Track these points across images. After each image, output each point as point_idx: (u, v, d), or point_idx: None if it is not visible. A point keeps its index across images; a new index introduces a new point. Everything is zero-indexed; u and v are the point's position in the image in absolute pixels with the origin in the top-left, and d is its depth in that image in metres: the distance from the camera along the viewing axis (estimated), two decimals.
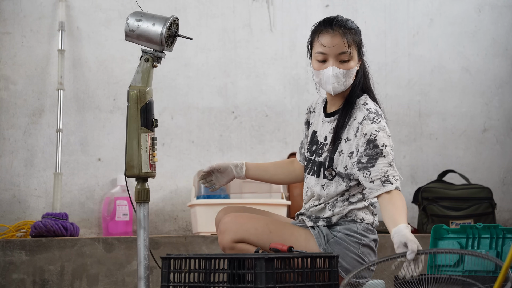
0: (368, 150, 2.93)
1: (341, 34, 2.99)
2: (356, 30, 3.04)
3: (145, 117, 3.01)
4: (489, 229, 3.37)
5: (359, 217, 3.02)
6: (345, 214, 3.02)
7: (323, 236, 3.00)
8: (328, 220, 3.03)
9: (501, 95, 5.40)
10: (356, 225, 3.02)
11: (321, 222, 3.03)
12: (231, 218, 3.02)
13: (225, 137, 4.96)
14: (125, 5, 4.81)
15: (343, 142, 3.01)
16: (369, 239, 3.02)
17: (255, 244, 2.97)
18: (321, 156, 3.06)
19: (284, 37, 5.10)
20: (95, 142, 4.76)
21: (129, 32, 3.05)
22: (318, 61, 3.01)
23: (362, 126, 2.96)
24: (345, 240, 2.99)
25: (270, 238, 2.98)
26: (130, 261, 4.15)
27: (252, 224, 3.00)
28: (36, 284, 4.06)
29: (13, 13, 4.69)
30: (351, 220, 3.02)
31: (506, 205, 5.36)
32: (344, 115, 3.03)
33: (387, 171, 2.90)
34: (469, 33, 5.38)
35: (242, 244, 2.98)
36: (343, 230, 3.00)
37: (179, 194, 4.86)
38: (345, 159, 3.01)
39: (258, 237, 2.98)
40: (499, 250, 3.32)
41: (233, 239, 2.98)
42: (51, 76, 4.72)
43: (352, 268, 2.97)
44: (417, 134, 5.27)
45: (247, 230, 2.98)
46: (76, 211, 4.69)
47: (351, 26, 3.02)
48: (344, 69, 3.00)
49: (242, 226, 2.99)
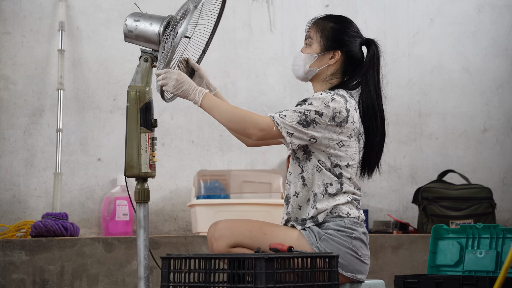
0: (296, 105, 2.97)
1: (314, 22, 3.09)
2: (335, 25, 3.07)
3: (145, 117, 3.01)
4: (489, 229, 3.38)
5: (344, 212, 3.01)
6: (329, 211, 3.01)
7: (314, 234, 2.99)
8: (314, 219, 3.02)
9: (501, 95, 5.40)
10: (343, 220, 3.01)
11: (308, 223, 3.02)
12: (225, 224, 3.01)
13: (225, 137, 4.96)
14: (125, 5, 4.81)
15: None
16: (359, 232, 3.01)
17: (250, 247, 2.97)
18: None
19: (284, 37, 5.10)
20: (95, 142, 4.76)
21: (127, 33, 3.06)
22: None
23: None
24: (335, 235, 2.99)
25: (264, 240, 2.98)
26: (130, 261, 4.15)
27: (246, 227, 3.00)
28: (36, 284, 4.06)
29: (13, 13, 4.70)
30: (337, 216, 3.01)
31: (506, 205, 5.36)
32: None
33: (286, 110, 2.95)
34: (469, 33, 5.38)
35: (238, 248, 2.98)
36: (332, 226, 3.00)
37: (179, 194, 4.86)
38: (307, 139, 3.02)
39: (253, 240, 2.98)
40: (499, 250, 3.32)
41: (229, 244, 2.97)
42: (51, 76, 4.72)
43: (346, 262, 2.97)
44: (417, 134, 5.27)
45: (241, 233, 2.98)
46: (76, 211, 4.69)
47: (332, 19, 3.09)
48: (303, 52, 3.08)
49: (236, 230, 2.99)
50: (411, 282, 3.32)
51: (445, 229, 3.51)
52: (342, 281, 2.98)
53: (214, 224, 3.09)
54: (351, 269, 2.98)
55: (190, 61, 3.20)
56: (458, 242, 3.44)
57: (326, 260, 2.75)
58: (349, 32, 3.09)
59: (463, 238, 3.43)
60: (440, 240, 3.49)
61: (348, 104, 2.99)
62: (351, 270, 2.98)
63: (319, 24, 3.09)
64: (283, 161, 5.02)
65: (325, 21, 3.09)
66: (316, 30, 3.08)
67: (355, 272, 2.99)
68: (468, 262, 3.38)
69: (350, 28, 3.10)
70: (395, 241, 4.49)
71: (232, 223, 3.02)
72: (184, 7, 3.03)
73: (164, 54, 2.96)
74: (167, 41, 2.96)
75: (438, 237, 3.50)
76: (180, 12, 3.02)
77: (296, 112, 2.94)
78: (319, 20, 3.10)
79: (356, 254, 3.00)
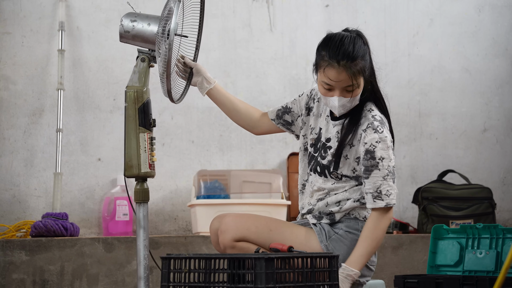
0: (365, 160, 2.97)
1: (346, 69, 2.93)
2: (363, 56, 2.97)
3: (143, 117, 3.01)
4: (489, 229, 3.37)
5: (361, 215, 3.04)
6: (349, 212, 3.03)
7: (325, 232, 3.00)
8: (331, 217, 3.03)
9: (501, 95, 5.40)
10: (358, 222, 3.03)
11: (324, 220, 3.04)
12: (232, 218, 3.02)
13: (225, 137, 4.96)
14: (125, 5, 4.79)
15: (347, 148, 3.02)
16: None
17: (256, 242, 2.98)
18: (324, 159, 3.06)
19: (284, 37, 5.10)
20: (95, 142, 4.76)
21: (124, 33, 3.05)
22: (323, 87, 2.99)
23: (365, 134, 2.98)
24: (346, 237, 3.00)
25: (270, 236, 2.99)
26: (130, 261, 4.15)
27: (253, 223, 3.01)
28: (36, 284, 4.06)
29: (13, 13, 4.69)
30: (353, 218, 3.03)
31: (506, 205, 5.36)
32: (351, 122, 3.03)
33: (380, 185, 2.96)
34: (469, 33, 5.38)
35: (243, 242, 2.99)
36: (344, 228, 3.01)
37: (179, 194, 4.86)
38: (352, 163, 3.03)
39: (258, 235, 2.99)
40: (499, 250, 3.32)
41: (234, 238, 2.98)
42: (51, 76, 4.72)
43: None
44: (417, 134, 5.27)
45: (247, 228, 2.99)
46: (76, 211, 4.69)
47: (357, 55, 2.95)
48: (350, 97, 2.99)
49: (242, 224, 2.99)
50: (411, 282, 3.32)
51: (445, 229, 3.51)
52: None
53: (220, 217, 3.10)
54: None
55: (186, 59, 3.20)
56: (458, 242, 3.43)
57: (326, 260, 2.75)
58: (367, 55, 3.02)
59: (463, 238, 3.43)
60: (440, 240, 3.49)
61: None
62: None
63: (353, 68, 2.94)
64: (283, 161, 5.02)
65: (356, 63, 2.95)
66: (356, 75, 2.96)
67: (359, 277, 3.00)
68: (468, 262, 3.38)
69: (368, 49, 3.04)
70: (395, 241, 4.49)
71: (239, 217, 3.03)
72: (167, 7, 3.02)
73: (162, 54, 2.95)
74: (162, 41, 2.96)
75: (438, 237, 3.50)
76: (165, 12, 3.01)
77: (385, 177, 2.98)
78: (352, 64, 2.93)
79: None
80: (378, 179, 2.95)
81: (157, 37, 2.99)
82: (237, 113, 3.26)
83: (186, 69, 3.21)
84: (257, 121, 3.28)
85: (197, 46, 3.29)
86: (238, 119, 3.28)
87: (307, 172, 3.16)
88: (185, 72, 3.21)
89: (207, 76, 3.23)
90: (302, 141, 3.20)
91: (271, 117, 3.26)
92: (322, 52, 2.98)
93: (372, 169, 2.95)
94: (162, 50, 2.96)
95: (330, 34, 3.02)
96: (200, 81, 3.22)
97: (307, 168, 3.16)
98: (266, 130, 3.28)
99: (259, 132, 3.30)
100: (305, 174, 3.17)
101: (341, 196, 3.04)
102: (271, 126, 3.26)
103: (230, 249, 3.00)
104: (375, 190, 2.96)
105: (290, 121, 3.22)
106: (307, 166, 3.16)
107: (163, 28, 2.97)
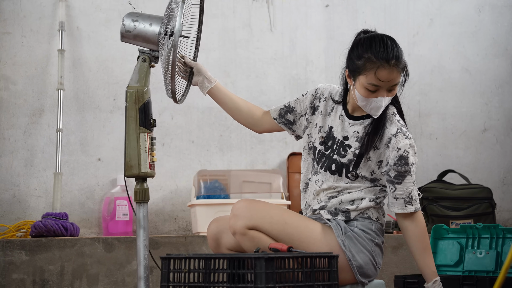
0: (398, 165, 2.97)
1: (397, 68, 2.97)
2: (403, 54, 3.02)
3: (144, 117, 3.01)
4: (489, 229, 3.38)
5: (374, 216, 3.04)
6: (363, 211, 3.03)
7: (341, 228, 2.99)
8: (347, 215, 3.02)
9: (501, 95, 5.40)
10: (371, 223, 3.02)
11: (339, 216, 3.02)
12: (246, 204, 2.93)
13: (225, 137, 4.96)
14: (125, 5, 4.81)
15: (371, 150, 3.02)
16: (380, 240, 3.04)
17: (268, 233, 2.91)
18: (344, 157, 3.03)
19: (284, 37, 5.10)
20: (95, 142, 4.76)
21: (125, 33, 3.05)
22: (368, 89, 2.97)
23: (397, 140, 2.97)
24: (361, 236, 2.99)
25: (284, 229, 2.93)
26: (130, 261, 4.15)
27: (268, 212, 2.92)
28: (36, 284, 4.06)
29: (13, 13, 4.70)
30: (367, 218, 3.03)
31: (506, 205, 5.36)
32: (377, 124, 3.02)
33: (411, 191, 2.98)
34: (469, 33, 5.38)
35: (255, 232, 2.90)
36: (359, 226, 3.01)
37: (179, 194, 4.86)
38: (373, 166, 3.02)
39: (272, 226, 2.91)
40: (499, 250, 3.32)
41: (247, 225, 2.89)
42: (51, 76, 4.72)
43: (364, 264, 2.97)
44: (417, 134, 5.27)
45: (262, 217, 2.91)
46: (76, 211, 4.69)
47: (401, 53, 3.01)
48: (392, 96, 3.01)
49: (257, 212, 2.91)
50: (411, 282, 3.32)
51: (445, 229, 3.51)
52: (347, 279, 2.97)
53: (217, 220, 3.09)
54: (364, 272, 2.98)
55: (186, 59, 3.20)
56: (458, 242, 3.44)
57: (326, 260, 2.75)
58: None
59: (463, 238, 3.44)
60: (440, 240, 3.49)
61: None
62: (363, 273, 2.98)
63: (401, 66, 2.98)
64: (283, 161, 5.02)
65: (403, 61, 3.00)
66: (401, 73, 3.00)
67: (364, 277, 2.99)
68: (468, 262, 3.38)
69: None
70: (395, 241, 4.49)
71: (254, 204, 2.94)
72: (169, 7, 3.02)
73: (165, 54, 2.95)
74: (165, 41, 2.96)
75: (438, 237, 3.50)
76: (168, 13, 3.01)
77: (415, 183, 3.01)
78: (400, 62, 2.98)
79: (373, 260, 3.00)
80: (410, 184, 2.98)
81: (160, 37, 2.99)
82: (239, 112, 3.26)
83: (186, 69, 3.21)
84: (259, 119, 3.27)
85: (196, 46, 3.29)
86: (239, 117, 3.27)
87: (310, 171, 3.14)
88: (186, 72, 3.21)
89: (208, 75, 3.23)
90: (306, 140, 3.18)
91: (273, 116, 3.25)
92: (365, 54, 2.96)
93: (406, 175, 2.97)
94: (165, 51, 2.95)
95: (366, 36, 3.02)
96: (201, 80, 3.22)
97: (311, 167, 3.15)
98: (267, 129, 3.28)
99: (260, 130, 3.29)
100: (308, 173, 3.15)
101: (355, 195, 3.03)
102: (272, 125, 3.26)
103: (240, 236, 2.91)
104: (407, 196, 2.98)
105: (292, 120, 3.22)
106: (313, 165, 3.14)
107: (166, 28, 2.97)
